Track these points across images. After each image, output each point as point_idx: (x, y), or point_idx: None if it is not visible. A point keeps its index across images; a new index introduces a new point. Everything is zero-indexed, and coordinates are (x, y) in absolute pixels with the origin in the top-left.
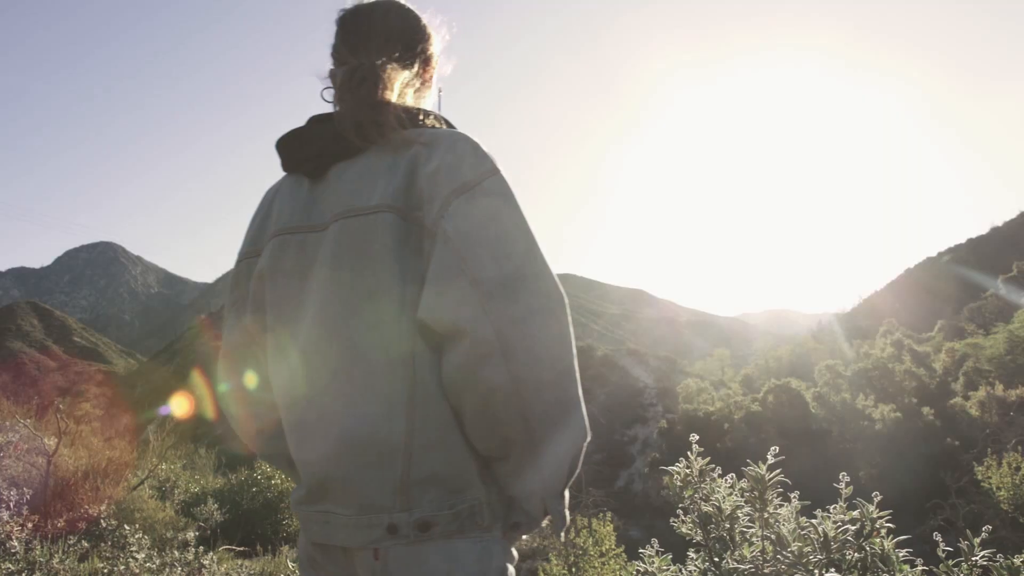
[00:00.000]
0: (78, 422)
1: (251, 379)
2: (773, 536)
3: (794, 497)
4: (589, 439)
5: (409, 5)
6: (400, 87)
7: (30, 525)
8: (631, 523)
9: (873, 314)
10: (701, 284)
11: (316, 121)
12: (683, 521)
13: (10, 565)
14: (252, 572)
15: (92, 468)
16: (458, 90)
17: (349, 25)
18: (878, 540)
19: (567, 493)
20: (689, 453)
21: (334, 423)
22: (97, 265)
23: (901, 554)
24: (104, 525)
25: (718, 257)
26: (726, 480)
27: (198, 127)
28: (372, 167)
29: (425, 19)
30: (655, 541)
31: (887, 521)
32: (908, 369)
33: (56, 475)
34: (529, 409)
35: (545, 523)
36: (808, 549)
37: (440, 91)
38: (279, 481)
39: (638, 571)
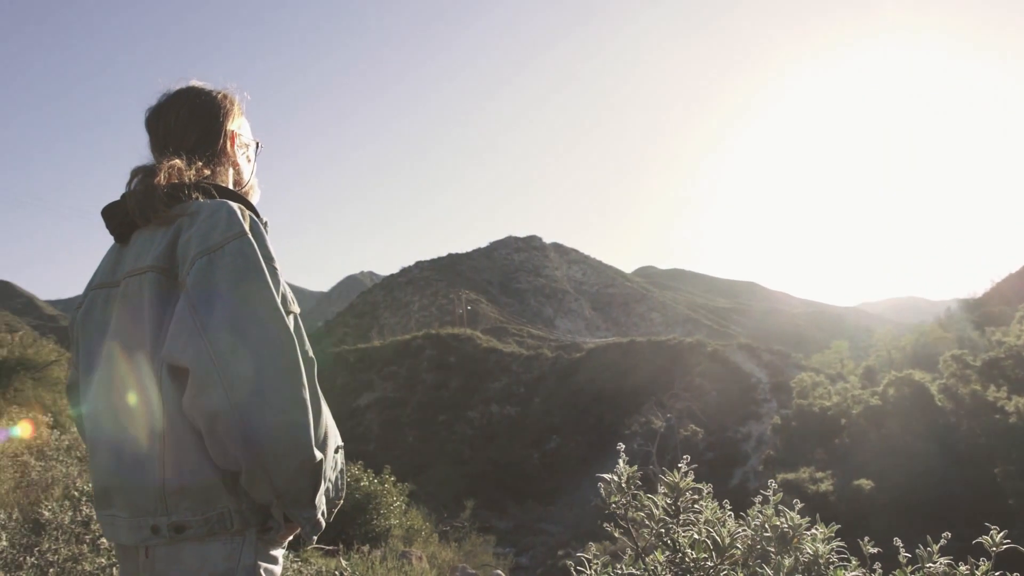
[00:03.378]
0: None
1: (77, 407)
2: (673, 542)
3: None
4: (321, 458)
5: (205, 87)
6: (188, 169)
7: None
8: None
9: (1006, 299)
10: (816, 274)
11: (126, 196)
12: (616, 526)
13: (102, 560)
14: (322, 569)
15: None
16: (570, 79)
17: (149, 127)
18: (811, 546)
19: (320, 501)
20: (620, 461)
21: (110, 442)
22: None
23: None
24: None
25: (834, 246)
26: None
27: (297, 135)
28: (153, 235)
29: (221, 95)
30: (592, 545)
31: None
32: None
33: None
34: (251, 431)
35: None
36: (703, 555)
37: (258, 144)
38: (367, 483)
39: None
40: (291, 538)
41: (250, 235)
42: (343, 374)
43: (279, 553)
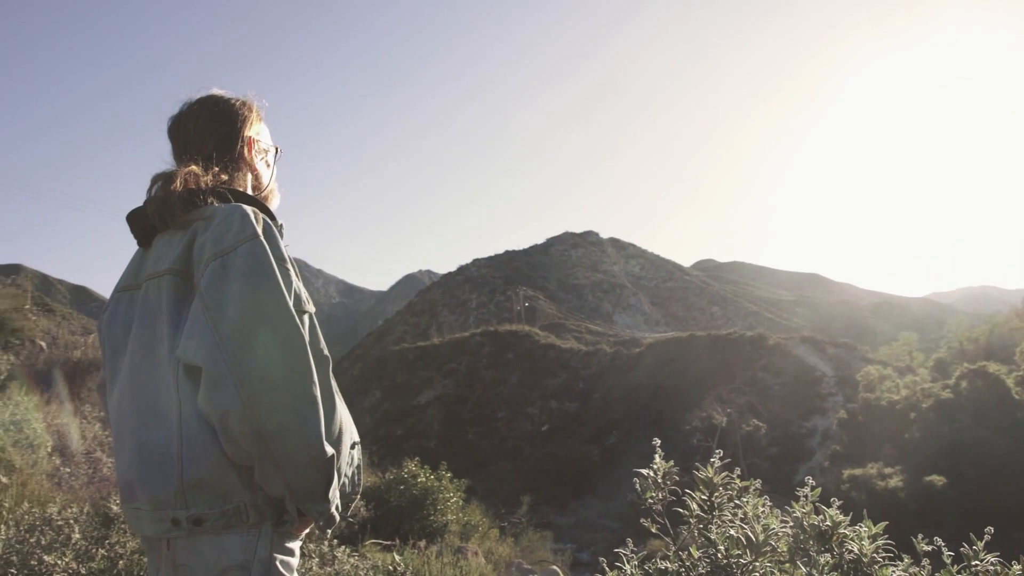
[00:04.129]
0: None
1: (106, 407)
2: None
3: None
4: (333, 454)
5: (224, 95)
6: (205, 174)
7: None
8: None
9: None
10: (883, 264)
11: (147, 203)
12: (653, 522)
13: None
14: (378, 563)
15: None
16: (629, 69)
17: (171, 135)
18: (854, 544)
19: (334, 495)
20: (656, 456)
21: (133, 438)
22: None
23: None
24: None
25: (902, 234)
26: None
27: (355, 136)
28: (171, 239)
29: (239, 102)
30: (630, 541)
31: None
32: None
33: None
34: (262, 428)
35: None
36: (737, 552)
37: (277, 149)
38: (424, 479)
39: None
40: (307, 531)
41: (262, 238)
42: (403, 372)
43: (295, 546)
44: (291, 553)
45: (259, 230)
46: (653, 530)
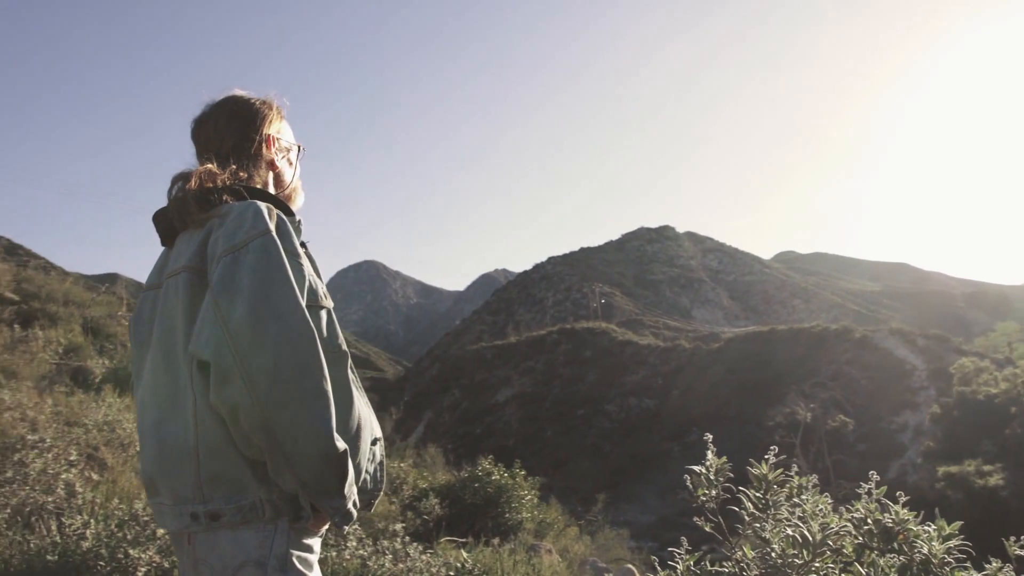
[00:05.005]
0: None
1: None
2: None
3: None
4: (345, 449)
5: (244, 95)
6: (221, 173)
7: None
8: None
9: None
10: (977, 250)
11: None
12: (707, 521)
13: None
14: (449, 561)
15: None
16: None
17: (193, 136)
18: (922, 543)
19: (350, 492)
20: (708, 453)
21: (153, 434)
22: (363, 282)
23: None
24: None
25: (996, 218)
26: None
27: (431, 138)
28: (190, 237)
29: (259, 102)
30: (684, 540)
31: None
32: None
33: None
34: (272, 423)
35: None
36: (791, 552)
37: (300, 147)
38: (498, 477)
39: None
40: (325, 528)
41: (274, 233)
42: (480, 371)
43: (314, 542)
44: (309, 549)
45: (271, 226)
46: (707, 529)
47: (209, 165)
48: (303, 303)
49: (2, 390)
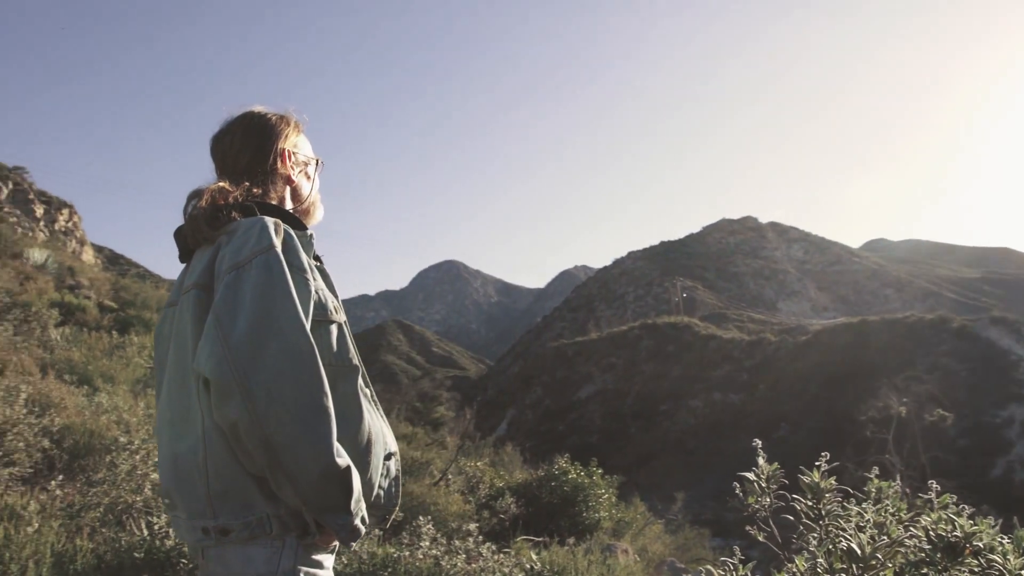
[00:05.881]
0: (435, 425)
1: None
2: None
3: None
4: (348, 465)
5: (261, 111)
6: (234, 189)
7: None
8: (1006, 517)
9: None
10: None
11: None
12: (759, 529)
13: None
14: (522, 561)
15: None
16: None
17: (212, 153)
18: (996, 558)
19: (356, 508)
20: (759, 459)
21: (169, 450)
22: (444, 282)
23: None
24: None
25: None
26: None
27: (510, 139)
28: (201, 255)
29: (276, 117)
30: (736, 549)
31: None
32: None
33: None
34: (271, 440)
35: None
36: (840, 566)
37: (319, 161)
38: (575, 476)
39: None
40: (335, 544)
41: (278, 249)
42: (562, 368)
43: (324, 557)
44: (319, 565)
45: (277, 241)
46: (760, 538)
47: (222, 183)
48: (304, 319)
49: (100, 394)
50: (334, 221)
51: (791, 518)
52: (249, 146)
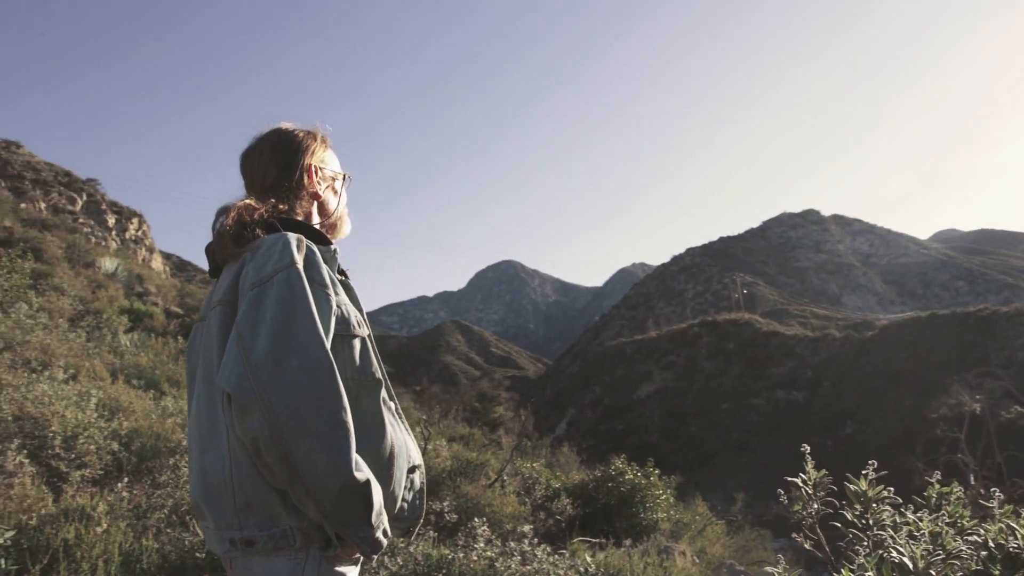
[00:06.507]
0: (492, 426)
1: None
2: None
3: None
4: (368, 479)
5: (288, 127)
6: (260, 206)
7: None
8: None
9: None
10: None
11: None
12: (806, 538)
13: None
14: (576, 563)
15: (456, 468)
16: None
17: (241, 170)
18: None
19: (378, 521)
20: (806, 464)
21: (197, 462)
22: (502, 282)
23: None
24: (447, 518)
25: None
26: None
27: (568, 141)
28: (228, 271)
29: (303, 133)
30: (781, 557)
31: None
32: None
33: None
34: (291, 454)
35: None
36: None
37: (346, 176)
38: (631, 476)
39: None
40: (357, 556)
41: (299, 265)
42: (621, 366)
43: (349, 569)
44: None
45: (299, 257)
46: (807, 546)
47: (248, 200)
48: (324, 335)
49: (166, 398)
50: (393, 224)
51: (839, 525)
52: (276, 163)
